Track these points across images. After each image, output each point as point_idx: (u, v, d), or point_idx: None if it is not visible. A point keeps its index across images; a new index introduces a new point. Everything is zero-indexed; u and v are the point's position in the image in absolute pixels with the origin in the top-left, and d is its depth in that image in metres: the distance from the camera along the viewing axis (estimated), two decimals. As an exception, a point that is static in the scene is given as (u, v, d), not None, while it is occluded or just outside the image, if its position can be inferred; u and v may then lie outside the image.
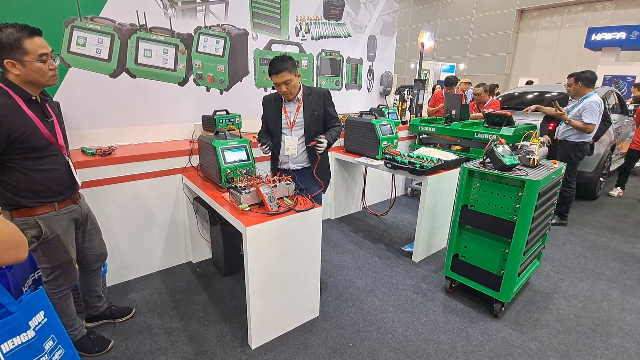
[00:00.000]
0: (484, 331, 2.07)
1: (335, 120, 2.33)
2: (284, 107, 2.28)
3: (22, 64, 1.34)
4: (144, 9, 2.60)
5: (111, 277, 2.42)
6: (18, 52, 1.32)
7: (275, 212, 1.80)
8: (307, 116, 2.24)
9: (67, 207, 1.61)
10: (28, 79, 1.38)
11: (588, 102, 3.20)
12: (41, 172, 1.45)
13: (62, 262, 1.61)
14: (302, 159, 2.35)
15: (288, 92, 2.14)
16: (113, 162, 2.27)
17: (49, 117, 1.49)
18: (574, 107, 3.35)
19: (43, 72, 1.38)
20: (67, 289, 1.70)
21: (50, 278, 1.62)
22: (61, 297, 1.68)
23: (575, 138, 3.29)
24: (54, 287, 1.64)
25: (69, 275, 1.67)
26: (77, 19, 2.35)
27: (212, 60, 3.05)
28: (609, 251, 3.13)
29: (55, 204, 1.54)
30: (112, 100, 2.60)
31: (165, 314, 2.19)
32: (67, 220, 1.61)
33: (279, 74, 2.06)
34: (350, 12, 4.07)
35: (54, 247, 1.56)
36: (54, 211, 1.54)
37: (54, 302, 1.63)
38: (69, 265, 1.65)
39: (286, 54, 2.93)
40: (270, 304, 1.91)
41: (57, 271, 1.61)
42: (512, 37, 12.82)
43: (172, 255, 2.72)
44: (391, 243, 3.22)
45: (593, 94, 3.23)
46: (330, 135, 2.25)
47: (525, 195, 1.92)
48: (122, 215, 2.39)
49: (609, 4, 10.64)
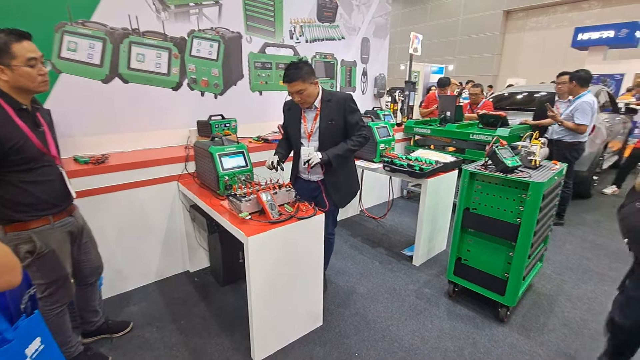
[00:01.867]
0: (490, 337, 2.04)
1: (359, 129, 2.07)
2: (303, 114, 2.12)
3: (10, 69, 1.29)
4: (136, 13, 2.53)
5: (107, 290, 2.33)
6: (6, 56, 1.28)
7: (276, 220, 1.75)
8: (323, 125, 2.05)
9: (62, 219, 1.55)
10: (17, 85, 1.33)
11: (580, 102, 3.22)
12: (34, 184, 1.40)
13: (58, 277, 1.54)
14: (317, 171, 2.15)
15: (302, 102, 2.00)
16: (107, 171, 2.19)
17: (40, 127, 1.44)
18: (567, 107, 3.37)
19: (32, 77, 1.33)
20: (63, 305, 1.63)
21: (45, 294, 1.55)
22: (57, 313, 1.61)
23: (570, 138, 3.32)
24: (50, 304, 1.57)
25: (65, 290, 1.60)
26: (68, 24, 2.26)
27: (206, 64, 2.99)
28: (610, 251, 3.14)
29: (50, 217, 1.48)
30: (104, 107, 2.51)
31: (164, 327, 2.11)
32: (62, 234, 1.55)
33: (291, 83, 1.91)
34: (343, 15, 4.04)
35: (49, 262, 1.49)
36: (49, 224, 1.48)
37: (50, 319, 1.56)
38: (65, 281, 1.58)
39: (303, 58, 2.74)
40: (273, 314, 1.85)
41: (53, 287, 1.55)
42: (499, 38, 13.00)
43: (169, 265, 2.64)
44: (391, 247, 3.19)
45: (587, 94, 3.25)
46: (335, 151, 2.01)
47: (530, 198, 1.90)
48: (116, 225, 2.31)
49: (595, 2, 10.82)
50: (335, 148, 2.04)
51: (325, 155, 2.00)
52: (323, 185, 2.16)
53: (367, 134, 2.10)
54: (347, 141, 2.07)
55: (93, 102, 2.46)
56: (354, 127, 2.07)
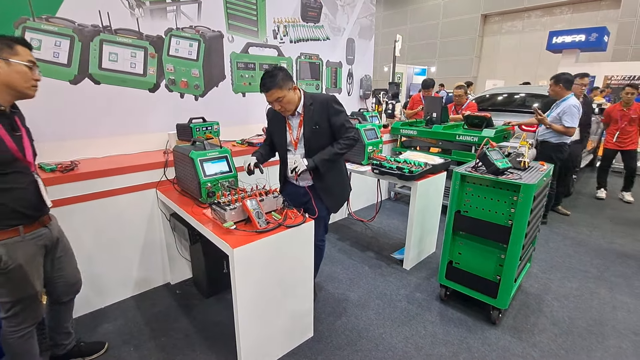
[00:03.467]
0: (484, 341, 2.01)
1: (346, 130, 1.97)
2: (288, 122, 2.02)
3: (7, 63, 1.28)
4: (108, 9, 2.37)
5: (80, 307, 2.15)
6: (8, 51, 1.29)
7: (263, 229, 1.65)
8: (307, 131, 1.96)
9: (34, 231, 1.43)
10: (7, 81, 1.30)
11: (567, 105, 3.25)
12: (3, 191, 1.31)
13: (24, 296, 1.41)
14: (305, 177, 2.06)
15: (283, 110, 1.90)
16: (77, 179, 2.02)
17: (17, 131, 1.37)
18: (552, 110, 3.42)
19: (27, 77, 1.34)
20: (30, 327, 1.48)
21: (9, 314, 1.41)
22: (22, 335, 1.45)
23: (555, 140, 3.37)
24: (14, 325, 1.43)
25: (32, 312, 1.45)
26: (29, 19, 2.08)
27: (185, 64, 2.85)
28: (590, 248, 3.21)
29: (19, 228, 1.37)
30: (73, 109, 2.33)
31: (142, 345, 1.96)
32: (33, 247, 1.42)
33: (268, 92, 1.82)
34: (328, 15, 3.98)
35: (14, 279, 1.36)
36: (18, 236, 1.36)
37: (13, 343, 1.42)
38: (33, 301, 1.44)
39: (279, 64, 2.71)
40: (261, 328, 1.75)
41: (18, 306, 1.41)
42: (478, 40, 13.31)
43: (149, 277, 2.48)
44: (380, 250, 3.14)
45: (571, 96, 3.30)
46: (322, 155, 1.93)
47: (521, 200, 1.89)
48: (90, 237, 2.14)
49: (566, 8, 11.28)
50: (321, 153, 1.95)
51: (311, 162, 1.92)
52: (312, 191, 2.07)
53: (355, 135, 2.02)
54: (334, 145, 1.98)
55: (60, 105, 2.28)
56: (340, 129, 1.97)
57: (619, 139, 4.47)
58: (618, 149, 4.52)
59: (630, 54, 9.54)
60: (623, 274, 2.75)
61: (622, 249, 3.19)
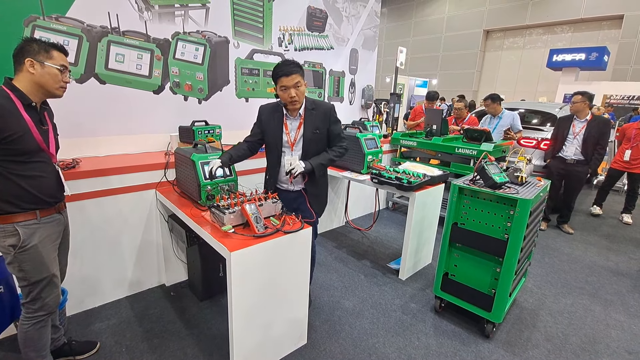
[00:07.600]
0: (477, 354, 2.01)
1: (340, 140, 2.06)
2: (285, 122, 2.02)
3: (41, 65, 1.38)
4: (117, 11, 2.41)
5: (72, 305, 2.15)
6: (44, 55, 1.39)
7: (261, 234, 1.66)
8: (307, 135, 1.99)
9: (50, 215, 1.51)
10: (39, 81, 1.39)
11: (510, 115, 4.11)
12: (26, 178, 1.40)
13: (41, 277, 1.47)
14: (298, 180, 2.07)
15: (295, 100, 1.88)
16: (77, 177, 2.04)
17: (45, 125, 1.48)
18: (493, 124, 4.17)
19: (57, 78, 1.43)
20: (45, 316, 1.53)
21: (29, 299, 1.48)
22: (37, 322, 1.51)
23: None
24: (32, 312, 1.49)
25: (49, 295, 1.51)
26: (39, 18, 2.12)
27: (190, 67, 2.89)
28: (585, 265, 3.22)
29: (37, 212, 1.46)
30: (77, 108, 2.36)
31: (134, 347, 1.95)
32: (49, 230, 1.50)
33: (289, 76, 1.81)
34: (333, 25, 4.04)
35: (31, 260, 1.44)
36: (35, 219, 1.45)
37: (28, 330, 1.48)
38: (49, 282, 1.50)
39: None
40: (255, 333, 1.75)
41: (36, 289, 1.47)
42: (479, 55, 13.48)
43: (143, 278, 2.48)
44: (376, 259, 3.14)
45: (505, 110, 4.18)
46: (318, 160, 1.97)
47: (517, 214, 1.90)
48: (87, 235, 2.14)
49: (567, 27, 11.46)
50: (318, 157, 2.00)
51: (309, 165, 1.94)
52: (305, 194, 2.10)
53: (347, 145, 2.12)
54: (329, 151, 2.05)
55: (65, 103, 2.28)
56: (336, 137, 2.06)
57: (630, 157, 4.28)
58: (624, 170, 4.39)
59: (630, 74, 9.67)
60: (618, 292, 2.76)
61: (617, 266, 3.20)
